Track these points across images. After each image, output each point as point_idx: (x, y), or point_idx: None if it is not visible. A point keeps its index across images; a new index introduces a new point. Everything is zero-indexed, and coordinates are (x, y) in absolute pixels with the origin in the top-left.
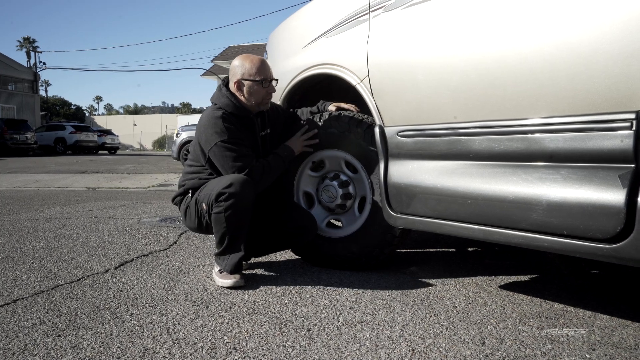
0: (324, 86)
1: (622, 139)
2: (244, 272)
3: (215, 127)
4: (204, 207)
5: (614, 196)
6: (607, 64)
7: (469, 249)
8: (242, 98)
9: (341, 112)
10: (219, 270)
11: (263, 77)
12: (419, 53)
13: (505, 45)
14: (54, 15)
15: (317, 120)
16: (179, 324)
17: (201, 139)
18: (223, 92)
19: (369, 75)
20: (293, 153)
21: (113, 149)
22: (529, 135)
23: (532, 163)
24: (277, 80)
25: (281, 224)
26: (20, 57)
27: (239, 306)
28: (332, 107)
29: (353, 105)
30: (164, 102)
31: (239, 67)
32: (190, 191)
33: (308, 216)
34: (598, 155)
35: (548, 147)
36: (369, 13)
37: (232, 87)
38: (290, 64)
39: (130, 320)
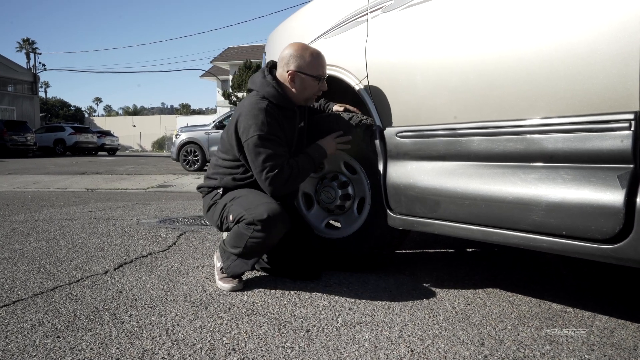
0: None
1: (620, 140)
2: None
3: (256, 118)
4: (231, 218)
5: (613, 197)
6: (605, 64)
7: (468, 250)
8: (292, 90)
9: (340, 112)
10: (221, 269)
11: (321, 74)
12: (418, 54)
13: (504, 46)
14: (53, 16)
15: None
16: (178, 325)
17: (239, 127)
18: (269, 80)
19: (367, 76)
20: (325, 154)
21: (112, 150)
22: (528, 135)
23: (531, 164)
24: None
25: (293, 260)
26: (20, 59)
27: (238, 307)
28: (337, 108)
29: (356, 109)
30: (163, 103)
31: (296, 57)
32: (221, 189)
33: (311, 259)
34: (597, 156)
35: (547, 148)
36: (367, 14)
37: (284, 77)
38: None
39: (130, 321)
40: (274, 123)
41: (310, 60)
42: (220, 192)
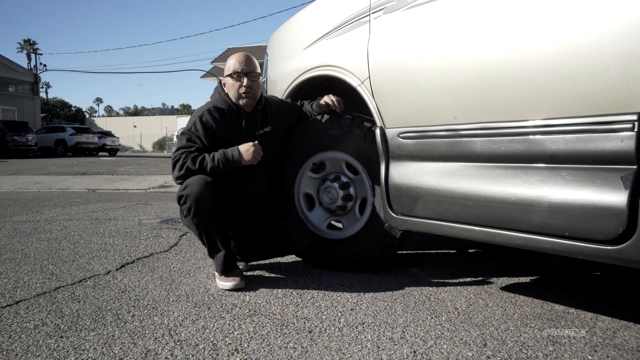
0: (324, 88)
1: (623, 140)
2: (245, 273)
3: (191, 121)
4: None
5: (616, 198)
6: (608, 65)
7: (470, 251)
8: (227, 95)
9: (342, 114)
10: (218, 273)
11: (233, 71)
12: (420, 54)
13: (506, 47)
14: (54, 17)
15: (320, 121)
16: (180, 325)
17: None
18: (218, 87)
19: (369, 77)
20: (238, 156)
21: (113, 151)
22: (530, 136)
23: (534, 164)
24: (255, 73)
25: (269, 233)
26: (21, 59)
27: (240, 307)
28: (322, 102)
29: (337, 98)
30: (163, 104)
31: (224, 69)
32: None
33: (298, 227)
34: (600, 157)
35: (549, 149)
36: (369, 15)
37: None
38: (290, 66)
39: (132, 321)
40: (203, 126)
41: (227, 63)
42: None
